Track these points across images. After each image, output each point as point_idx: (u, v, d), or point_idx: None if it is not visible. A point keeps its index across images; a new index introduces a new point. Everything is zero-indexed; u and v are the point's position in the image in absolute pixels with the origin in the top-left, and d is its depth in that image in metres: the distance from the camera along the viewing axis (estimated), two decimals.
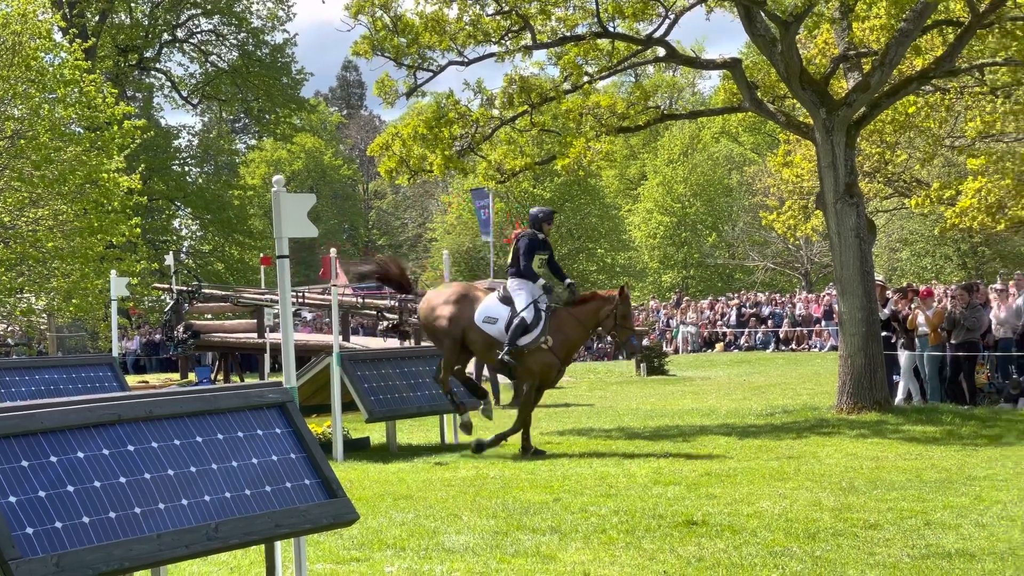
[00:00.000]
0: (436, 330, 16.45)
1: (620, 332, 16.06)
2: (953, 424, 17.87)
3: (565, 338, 16.03)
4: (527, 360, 15.86)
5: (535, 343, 15.82)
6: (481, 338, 16.16)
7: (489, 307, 16.24)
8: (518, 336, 15.82)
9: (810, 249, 57.99)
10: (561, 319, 16.05)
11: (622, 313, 15.91)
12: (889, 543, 8.94)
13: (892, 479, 12.42)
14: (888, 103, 21.73)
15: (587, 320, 16.13)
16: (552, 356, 15.94)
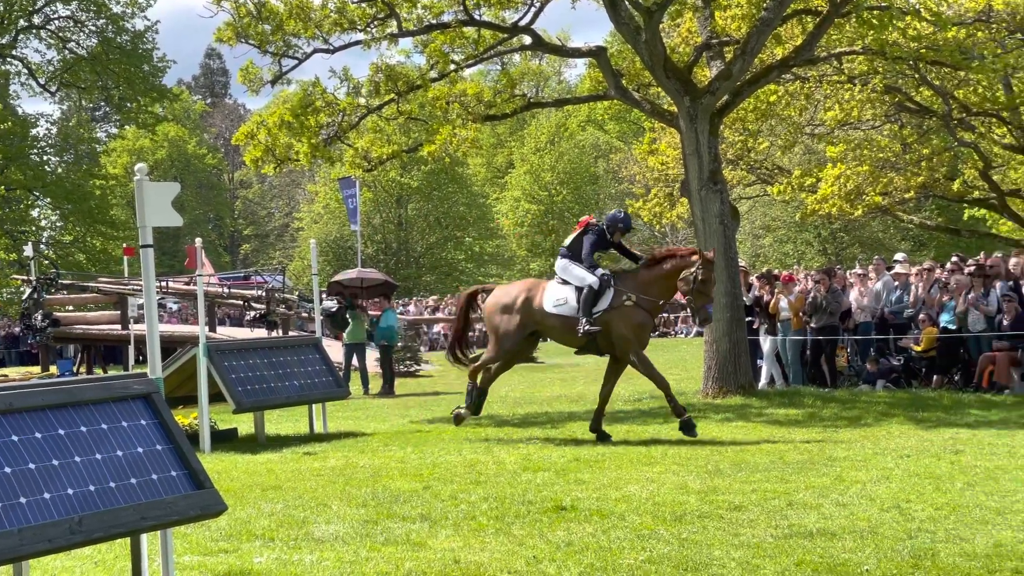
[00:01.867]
0: (500, 334, 16.14)
1: (697, 298, 15.27)
2: (815, 407, 18.24)
3: (649, 292, 15.45)
4: (616, 326, 15.37)
5: (618, 302, 15.36)
6: (559, 323, 15.78)
7: (555, 291, 15.90)
8: (591, 304, 15.39)
9: (676, 236, 58.64)
10: (640, 276, 15.58)
11: (703, 278, 15.17)
12: (753, 524, 9.10)
13: (756, 461, 12.63)
14: (750, 91, 22.05)
15: (669, 276, 15.39)
16: (642, 313, 15.43)
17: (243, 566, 8.28)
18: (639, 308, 15.36)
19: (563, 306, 15.65)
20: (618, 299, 15.36)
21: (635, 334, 15.48)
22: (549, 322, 15.86)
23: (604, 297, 15.40)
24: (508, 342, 16.10)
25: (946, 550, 7.98)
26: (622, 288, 15.45)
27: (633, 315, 15.38)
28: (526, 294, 16.10)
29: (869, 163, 27.42)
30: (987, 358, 20.24)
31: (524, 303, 15.97)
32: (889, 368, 21.79)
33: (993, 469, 11.54)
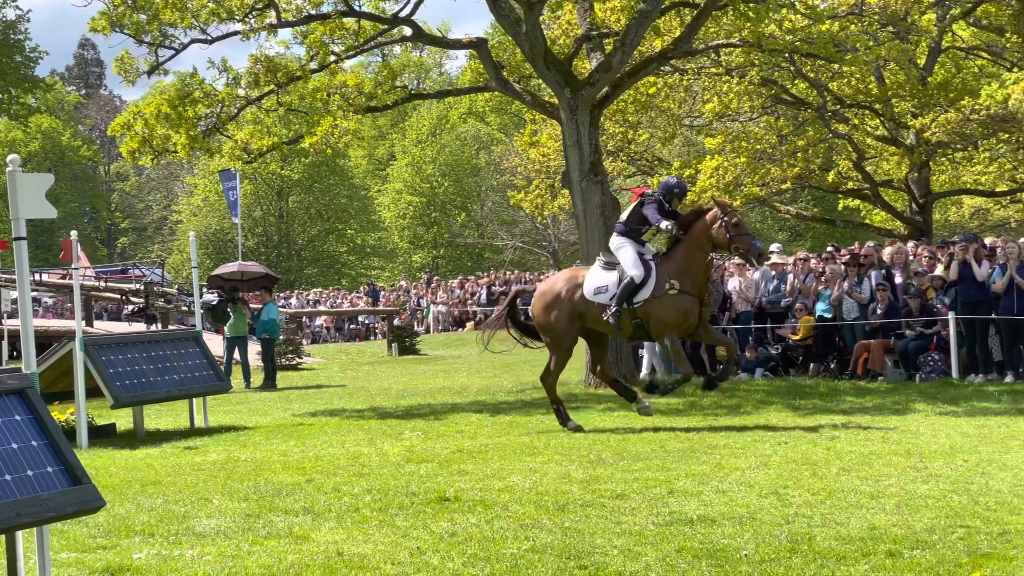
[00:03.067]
0: (553, 332, 15.72)
1: (739, 241, 14.80)
2: (695, 396, 18.43)
3: (692, 274, 14.91)
4: (656, 313, 14.90)
5: (659, 291, 14.88)
6: (598, 312, 15.30)
7: (596, 279, 15.43)
8: (627, 295, 14.95)
9: (557, 227, 58.90)
10: (677, 255, 15.07)
11: (733, 221, 14.79)
12: (635, 512, 9.18)
13: (638, 450, 12.74)
14: (630, 83, 22.24)
15: (702, 243, 14.92)
16: (685, 299, 14.87)
17: (122, 562, 8.16)
18: (684, 294, 14.87)
19: (603, 294, 15.21)
20: (661, 287, 14.88)
21: (678, 322, 14.95)
22: (591, 311, 15.38)
23: (646, 286, 14.94)
24: (567, 337, 15.68)
25: (822, 534, 8.12)
26: (665, 274, 14.96)
27: (677, 303, 14.88)
28: (570, 285, 15.64)
29: (746, 154, 27.80)
30: (862, 346, 20.63)
31: (568, 295, 15.54)
32: (767, 357, 22.13)
33: (867, 454, 11.77)
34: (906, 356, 20.30)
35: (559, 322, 15.53)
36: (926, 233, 30.07)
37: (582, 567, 7.52)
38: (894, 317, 20.49)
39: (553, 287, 15.89)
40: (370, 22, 21.50)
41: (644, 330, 15.24)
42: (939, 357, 20.11)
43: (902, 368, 20.37)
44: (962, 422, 14.26)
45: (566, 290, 15.57)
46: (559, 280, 16.05)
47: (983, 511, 8.67)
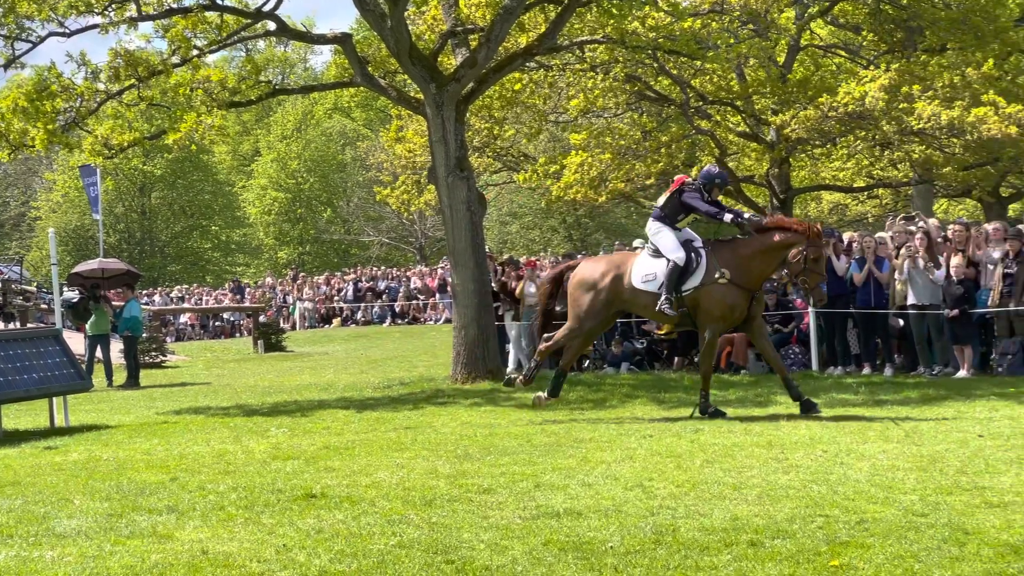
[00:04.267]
0: (582, 310, 15.29)
1: (811, 278, 14.45)
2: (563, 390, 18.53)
3: (747, 267, 14.57)
4: (704, 303, 14.59)
5: (709, 279, 14.55)
6: (650, 300, 14.93)
7: (644, 266, 15.06)
8: (674, 281, 14.60)
9: (424, 223, 58.88)
10: (740, 247, 14.71)
11: (814, 256, 14.40)
12: (502, 506, 9.20)
13: (505, 445, 12.77)
14: (495, 78, 22.28)
15: (773, 251, 14.57)
16: (734, 290, 14.53)
17: None
18: (733, 286, 14.53)
19: (652, 282, 14.87)
20: (711, 275, 14.57)
21: (723, 315, 14.67)
22: (640, 300, 15.10)
23: (696, 273, 14.63)
24: (591, 321, 15.34)
25: (686, 525, 8.22)
26: (717, 262, 14.64)
27: (726, 295, 14.54)
28: (615, 271, 15.26)
29: (611, 150, 28.01)
30: (725, 340, 20.89)
31: (613, 280, 15.19)
32: (633, 351, 22.34)
33: (730, 446, 11.93)
34: None
35: (592, 305, 15.24)
36: None
37: (449, 562, 7.51)
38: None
39: (597, 268, 15.55)
40: (233, 16, 21.25)
41: (689, 319, 14.92)
42: (799, 350, 20.50)
43: (764, 361, 20.69)
44: (822, 413, 14.52)
45: (611, 276, 15.22)
46: (606, 262, 15.69)
47: (842, 500, 8.84)
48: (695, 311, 14.71)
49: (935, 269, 18.72)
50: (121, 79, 20.68)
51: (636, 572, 7.11)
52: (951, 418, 13.55)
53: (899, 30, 32.10)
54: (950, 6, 30.56)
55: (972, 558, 7.00)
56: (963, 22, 29.82)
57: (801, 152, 30.38)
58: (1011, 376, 17.80)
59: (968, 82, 26.34)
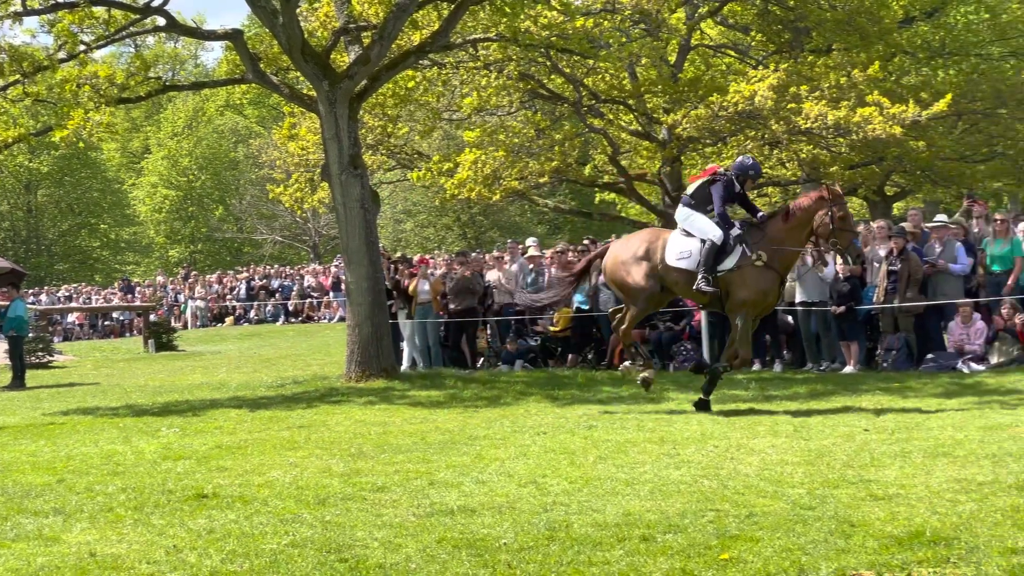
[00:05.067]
0: (629, 287, 15.04)
1: (841, 237, 14.25)
2: (456, 388, 18.59)
3: (779, 249, 14.38)
4: (737, 285, 14.37)
5: (745, 261, 14.33)
6: (682, 277, 14.69)
7: (678, 243, 14.78)
8: (712, 259, 14.34)
9: (318, 221, 58.53)
10: (768, 231, 14.49)
11: (840, 214, 14.19)
12: (396, 504, 9.20)
13: (399, 443, 12.77)
14: (388, 76, 22.22)
15: (801, 226, 14.38)
16: (769, 275, 14.35)
17: None
18: (768, 269, 14.34)
19: (687, 259, 14.64)
20: (746, 257, 14.35)
21: (757, 298, 14.44)
22: (672, 276, 14.84)
23: (732, 254, 14.41)
24: (643, 293, 15.00)
25: (579, 521, 8.28)
26: (751, 244, 14.43)
27: (761, 277, 14.33)
28: (647, 245, 15.04)
29: (505, 148, 28.06)
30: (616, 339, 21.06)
31: (646, 254, 14.97)
32: (527, 348, 22.42)
33: (623, 443, 12.03)
34: (660, 346, 20.83)
35: (636, 278, 15.00)
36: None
37: (343, 560, 7.50)
38: None
39: (630, 245, 15.35)
40: (121, 11, 20.95)
41: (719, 301, 14.72)
42: (691, 347, 20.70)
43: (657, 358, 20.88)
44: (713, 409, 14.69)
45: (644, 250, 15.02)
46: (638, 239, 15.44)
47: (732, 495, 8.96)
48: (726, 294, 14.55)
49: (823, 267, 19.00)
50: (5, 75, 20.30)
51: (529, 568, 7.15)
52: (838, 413, 13.78)
53: (787, 31, 32.59)
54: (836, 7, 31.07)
55: (857, 550, 7.13)
56: (849, 23, 30.36)
57: (692, 151, 30.64)
58: (895, 371, 18.15)
59: (854, 83, 26.79)
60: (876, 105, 25.63)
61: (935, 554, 6.91)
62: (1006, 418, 12.46)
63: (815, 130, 26.35)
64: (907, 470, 9.61)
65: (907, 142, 27.59)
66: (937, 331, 18.97)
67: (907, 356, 18.66)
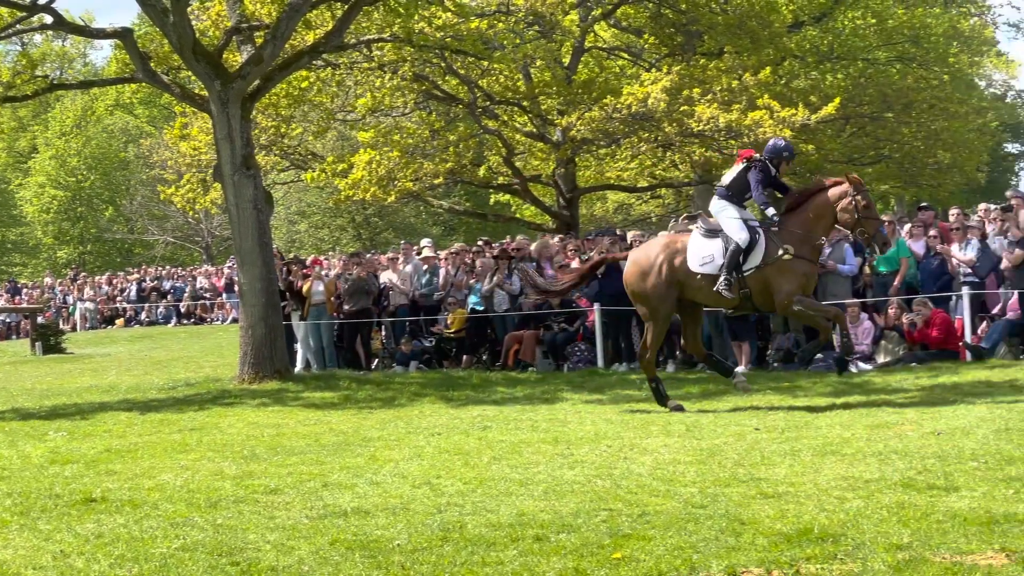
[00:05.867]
0: (650, 301, 14.71)
1: (867, 225, 14.00)
2: (350, 389, 18.52)
3: (808, 239, 14.11)
4: (774, 279, 14.04)
5: (771, 257, 14.04)
6: (707, 283, 14.34)
7: (699, 248, 14.44)
8: (736, 261, 14.05)
9: (210, 222, 57.96)
10: (792, 223, 14.21)
11: (864, 202, 13.95)
12: (289, 506, 9.14)
13: (292, 445, 12.69)
14: (281, 76, 22.07)
15: (825, 214, 14.14)
16: (804, 263, 14.07)
17: None
18: (800, 259, 14.06)
19: (710, 264, 14.33)
20: (773, 253, 14.08)
21: (802, 282, 14.11)
22: (695, 283, 14.52)
23: (755, 252, 14.13)
24: (664, 307, 14.75)
25: (473, 521, 8.28)
26: (776, 239, 14.16)
27: (795, 268, 14.05)
28: (667, 254, 14.69)
29: (399, 149, 28.03)
30: (513, 337, 21.13)
31: (667, 264, 14.61)
32: (422, 349, 22.39)
33: (517, 443, 12.05)
34: (555, 347, 20.91)
35: (657, 290, 14.65)
36: (573, 227, 31.03)
37: (234, 563, 7.43)
38: (544, 309, 21.05)
39: (649, 254, 14.94)
40: (7, 8, 20.59)
41: (750, 301, 14.48)
42: (585, 347, 20.81)
43: (551, 359, 20.97)
44: (607, 409, 14.80)
45: (664, 257, 14.68)
46: (655, 247, 15.10)
47: (625, 494, 9.01)
48: (760, 292, 14.30)
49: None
50: None
51: (423, 569, 7.14)
52: (730, 412, 13.93)
53: (679, 34, 32.94)
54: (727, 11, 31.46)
55: (747, 547, 7.21)
56: (739, 27, 30.76)
57: (586, 152, 30.89)
58: (786, 371, 18.37)
59: (745, 86, 27.14)
60: (767, 108, 26.00)
61: (823, 551, 7.01)
62: (892, 417, 12.66)
63: (707, 132, 26.68)
64: (796, 468, 9.73)
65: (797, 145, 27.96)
66: None
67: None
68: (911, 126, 35.99)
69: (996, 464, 9.30)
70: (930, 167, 36.63)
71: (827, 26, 37.71)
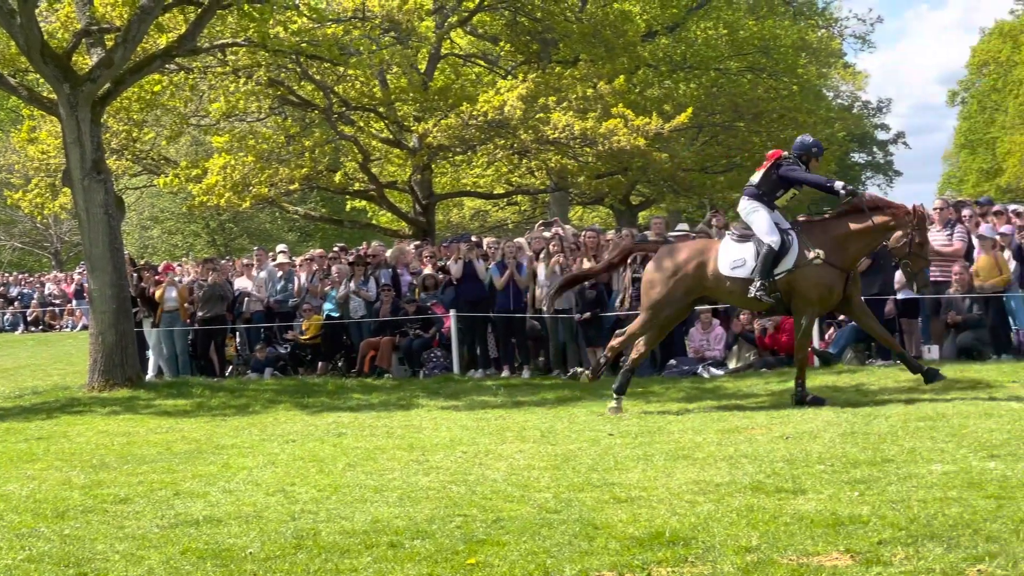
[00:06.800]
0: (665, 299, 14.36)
1: (915, 262, 13.76)
2: (203, 396, 18.31)
3: (843, 247, 13.80)
4: (800, 286, 13.80)
5: (803, 260, 13.76)
6: (738, 286, 14.02)
7: (731, 252, 14.12)
8: (769, 265, 13.72)
9: (60, 227, 56.78)
10: (833, 226, 13.95)
11: (920, 240, 13.69)
12: (139, 515, 9.02)
13: (143, 453, 12.52)
14: (133, 80, 21.73)
15: (873, 234, 13.89)
16: (830, 271, 13.75)
17: None
18: (829, 267, 13.78)
19: (742, 268, 14.06)
20: (804, 257, 13.82)
21: (821, 297, 13.93)
22: (726, 286, 14.26)
23: (788, 255, 13.87)
24: (668, 309, 14.48)
25: (327, 529, 8.25)
26: (810, 242, 13.91)
27: (821, 276, 13.79)
28: (699, 258, 14.34)
29: (254, 154, 27.77)
30: (368, 344, 21.06)
31: (696, 268, 14.29)
32: (277, 356, 22.21)
33: (373, 449, 12.05)
34: (411, 353, 20.90)
35: (670, 293, 14.41)
36: (429, 233, 31.06)
37: (82, 574, 7.33)
38: (399, 315, 21.04)
39: (678, 255, 14.63)
40: None
41: (782, 304, 14.22)
42: (441, 353, 20.83)
43: (407, 365, 20.96)
44: (462, 415, 14.84)
45: (695, 264, 14.37)
46: (687, 249, 14.74)
47: (480, 500, 9.05)
48: (789, 295, 14.07)
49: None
50: None
51: None
52: (585, 418, 14.06)
53: (535, 41, 33.20)
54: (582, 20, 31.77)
55: (600, 551, 7.29)
56: (594, 36, 31.09)
57: (443, 159, 30.91)
58: (641, 377, 18.58)
59: (600, 94, 27.43)
60: (621, 117, 26.29)
61: (674, 554, 7.11)
62: (743, 421, 12.90)
63: (563, 140, 26.91)
64: (649, 473, 9.86)
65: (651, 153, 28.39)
66: (679, 337, 19.52)
67: (650, 361, 19.13)
68: (762, 135, 36.77)
69: (842, 467, 9.53)
70: None
71: (680, 36, 38.34)
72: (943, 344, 17.82)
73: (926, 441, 10.53)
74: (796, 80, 40.51)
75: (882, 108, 74.26)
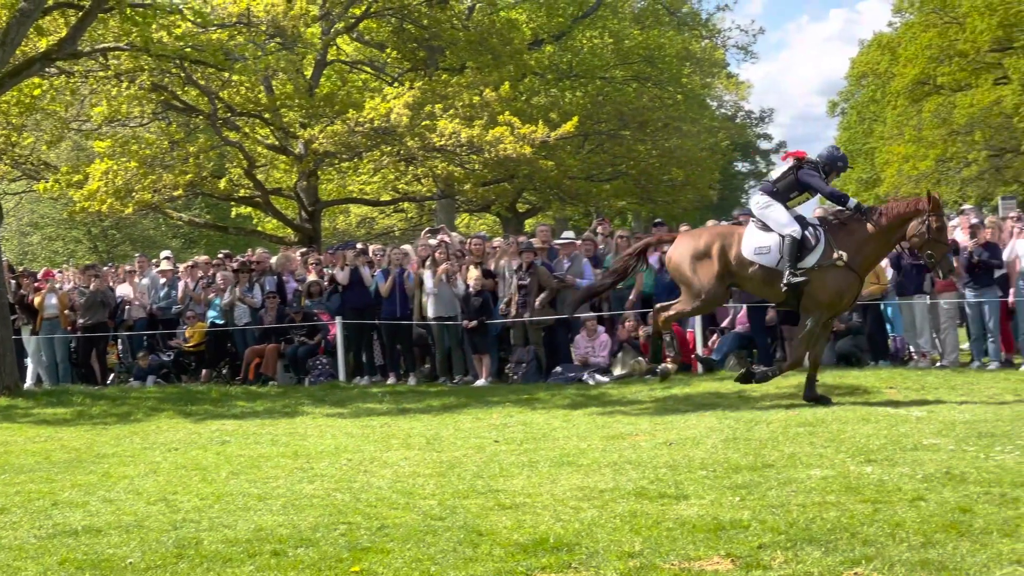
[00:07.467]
0: (693, 286, 14.17)
1: (935, 248, 13.57)
2: (84, 404, 18.05)
3: (863, 251, 13.73)
4: (815, 285, 13.67)
5: (826, 260, 13.61)
6: (760, 274, 13.85)
7: (755, 238, 13.91)
8: (796, 254, 13.51)
9: None
10: (852, 229, 13.78)
11: (937, 225, 13.52)
12: (16, 526, 8.87)
13: (20, 463, 12.31)
14: (12, 83, 21.35)
15: (890, 231, 13.76)
16: (849, 274, 13.66)
17: None
18: (847, 270, 13.71)
19: (766, 255, 13.92)
20: (828, 256, 13.72)
21: (831, 301, 13.86)
22: (747, 272, 14.08)
23: (814, 252, 13.77)
24: (707, 292, 14.25)
25: (210, 537, 8.18)
26: (833, 243, 13.80)
27: (836, 279, 13.72)
28: (721, 241, 14.23)
29: (137, 160, 27.41)
30: (253, 351, 20.92)
31: (720, 251, 14.07)
32: (160, 364, 21.96)
33: (257, 457, 11.97)
34: (296, 360, 20.79)
35: (703, 278, 14.24)
36: (315, 240, 30.89)
37: None
38: (284, 322, 20.92)
39: (700, 239, 14.52)
40: None
41: (796, 298, 14.02)
42: (327, 361, 20.75)
43: (292, 372, 20.84)
44: (348, 423, 14.80)
45: (718, 246, 14.24)
46: (709, 234, 14.70)
47: (364, 507, 9.03)
48: (800, 293, 13.97)
49: (457, 281, 19.41)
50: None
51: None
52: (470, 425, 14.09)
53: (421, 49, 33.19)
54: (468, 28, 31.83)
55: (485, 558, 7.31)
56: (481, 43, 31.16)
57: (329, 165, 30.76)
58: (525, 383, 18.69)
59: (486, 102, 27.50)
60: (508, 125, 26.38)
61: (558, 560, 7.15)
62: (627, 427, 13.01)
63: (449, 147, 26.92)
64: (534, 479, 9.91)
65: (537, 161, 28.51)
66: (565, 344, 19.65)
67: (536, 368, 19.24)
68: (647, 144, 37.13)
69: (723, 472, 9.66)
70: (665, 184, 37.80)
71: (566, 44, 38.56)
72: None
73: (805, 446, 10.71)
74: (680, 89, 40.95)
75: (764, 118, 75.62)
